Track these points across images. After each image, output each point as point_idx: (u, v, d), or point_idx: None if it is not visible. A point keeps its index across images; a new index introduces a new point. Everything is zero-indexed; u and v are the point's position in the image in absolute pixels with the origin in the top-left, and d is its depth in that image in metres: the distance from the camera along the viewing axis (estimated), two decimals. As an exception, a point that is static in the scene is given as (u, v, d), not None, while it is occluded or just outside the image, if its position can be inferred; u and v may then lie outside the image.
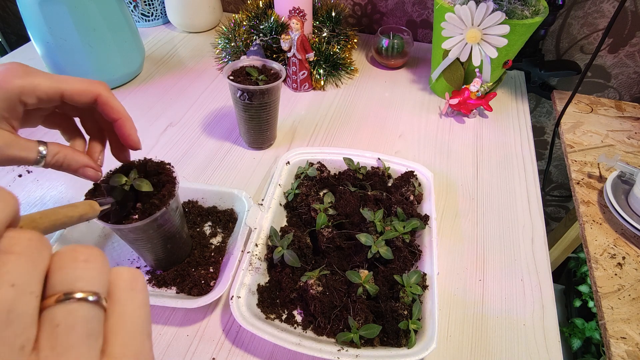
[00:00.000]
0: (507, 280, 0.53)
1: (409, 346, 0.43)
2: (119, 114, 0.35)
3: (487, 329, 0.48)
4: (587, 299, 1.15)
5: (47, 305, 0.14)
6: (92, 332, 0.15)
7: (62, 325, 0.14)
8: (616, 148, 0.77)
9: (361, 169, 0.61)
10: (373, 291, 0.47)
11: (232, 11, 1.09)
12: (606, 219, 0.64)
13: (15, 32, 1.38)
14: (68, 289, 0.14)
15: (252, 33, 0.84)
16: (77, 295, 0.14)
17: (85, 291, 0.15)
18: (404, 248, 0.50)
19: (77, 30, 0.69)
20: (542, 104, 1.01)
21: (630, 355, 0.49)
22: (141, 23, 1.00)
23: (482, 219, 0.60)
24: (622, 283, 0.56)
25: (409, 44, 0.87)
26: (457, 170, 0.68)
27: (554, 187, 1.17)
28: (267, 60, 0.63)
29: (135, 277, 0.18)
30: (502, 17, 0.65)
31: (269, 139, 0.69)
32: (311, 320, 0.46)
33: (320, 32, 0.86)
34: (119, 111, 0.35)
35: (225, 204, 0.57)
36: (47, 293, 0.14)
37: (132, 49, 0.80)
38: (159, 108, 0.78)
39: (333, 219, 0.54)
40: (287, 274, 0.49)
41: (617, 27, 0.83)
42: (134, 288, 0.17)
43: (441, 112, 0.79)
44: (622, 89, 0.92)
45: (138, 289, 0.17)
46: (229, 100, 0.80)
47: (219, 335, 0.47)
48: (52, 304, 0.14)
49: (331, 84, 0.85)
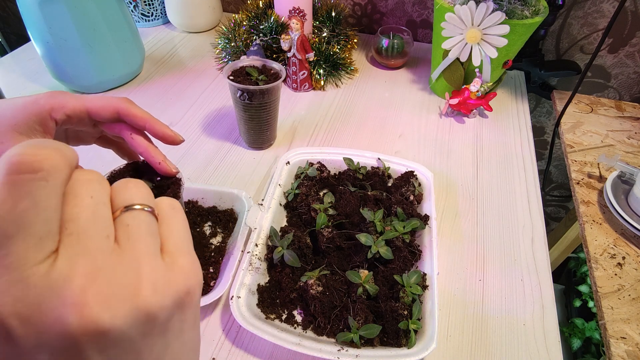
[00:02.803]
0: (507, 280, 0.53)
1: (409, 346, 0.43)
2: (144, 120, 0.37)
3: (487, 329, 0.48)
4: (587, 299, 1.15)
5: (116, 215, 0.19)
6: (152, 232, 0.20)
7: (131, 225, 0.19)
8: (616, 148, 0.77)
9: (361, 169, 0.61)
10: (373, 291, 0.47)
11: (232, 11, 1.09)
12: (606, 219, 0.64)
13: (15, 32, 1.38)
14: (128, 203, 0.19)
15: (252, 33, 0.84)
16: (136, 207, 0.19)
17: (141, 204, 0.20)
18: (404, 248, 0.50)
19: (77, 30, 0.69)
20: (542, 104, 1.01)
21: (630, 355, 0.49)
22: (141, 23, 1.00)
23: (482, 219, 0.60)
24: (622, 283, 0.56)
25: (409, 44, 0.87)
26: (457, 170, 0.68)
27: (554, 187, 1.17)
28: (267, 60, 0.63)
29: (173, 201, 0.23)
30: (502, 17, 0.65)
31: (269, 139, 0.69)
32: (311, 320, 0.46)
33: (320, 32, 0.86)
34: (142, 117, 0.37)
35: (225, 204, 0.57)
36: (113, 208, 0.19)
37: (132, 49, 0.80)
38: (159, 108, 0.78)
39: (333, 219, 0.54)
40: (287, 274, 0.49)
41: (617, 27, 0.83)
42: (174, 207, 0.22)
43: (441, 112, 0.79)
44: (622, 89, 0.92)
45: (177, 208, 0.22)
46: (229, 100, 0.80)
47: (219, 335, 0.47)
48: (119, 214, 0.19)
49: (331, 84, 0.85)
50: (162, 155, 0.40)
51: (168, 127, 0.38)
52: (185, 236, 0.22)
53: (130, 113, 0.36)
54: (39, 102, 0.32)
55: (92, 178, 0.19)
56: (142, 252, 0.18)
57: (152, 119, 0.38)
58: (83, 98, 0.35)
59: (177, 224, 0.22)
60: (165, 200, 0.22)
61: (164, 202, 0.22)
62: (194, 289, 0.20)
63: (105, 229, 0.18)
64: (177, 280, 0.19)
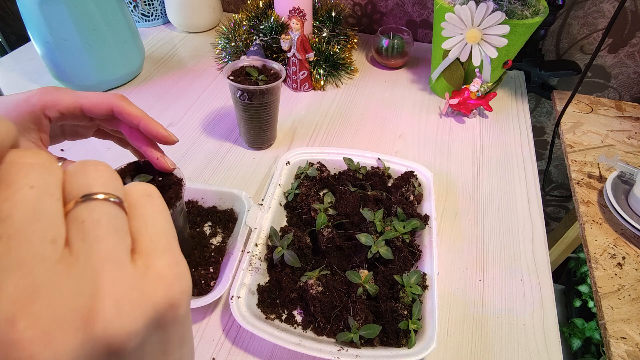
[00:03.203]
0: (507, 280, 0.53)
1: (409, 346, 0.43)
2: (138, 118, 0.36)
3: (487, 329, 0.48)
4: (587, 299, 1.15)
5: (69, 208, 0.15)
6: (118, 228, 0.15)
7: (87, 221, 0.14)
8: (616, 148, 0.77)
9: (361, 169, 0.61)
10: (373, 291, 0.47)
11: (232, 11, 1.09)
12: (606, 219, 0.64)
13: (15, 32, 1.38)
14: (85, 191, 0.15)
15: (252, 33, 0.84)
16: (95, 196, 0.15)
17: (102, 192, 0.15)
18: (404, 248, 0.50)
19: (77, 30, 0.69)
20: (542, 104, 1.01)
21: (630, 355, 0.49)
22: (141, 23, 1.00)
23: (482, 219, 0.60)
24: (622, 283, 0.56)
25: (409, 44, 0.87)
26: (457, 170, 0.68)
27: (554, 187, 1.17)
28: (267, 60, 0.63)
29: (148, 187, 0.18)
30: (502, 17, 0.64)
31: (269, 139, 0.69)
32: (311, 320, 0.46)
33: (320, 32, 0.86)
34: (137, 115, 0.36)
35: (225, 204, 0.57)
36: (66, 200, 0.15)
37: (132, 49, 0.80)
38: (159, 108, 0.78)
39: (333, 219, 0.54)
40: (287, 274, 0.49)
41: (617, 27, 0.83)
42: (149, 194, 0.17)
43: (441, 112, 0.79)
44: (622, 89, 0.92)
45: (154, 195, 0.18)
46: (229, 100, 0.80)
47: (218, 335, 0.47)
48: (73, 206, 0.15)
49: (331, 84, 0.85)
50: (161, 151, 0.39)
51: (162, 127, 0.38)
52: (164, 230, 0.17)
53: (124, 111, 0.35)
54: (31, 100, 0.32)
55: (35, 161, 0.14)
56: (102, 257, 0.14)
57: (147, 117, 0.37)
58: (77, 95, 0.34)
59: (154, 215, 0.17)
60: (137, 186, 0.17)
61: (136, 188, 0.17)
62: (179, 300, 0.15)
63: (50, 230, 0.13)
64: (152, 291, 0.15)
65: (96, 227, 0.14)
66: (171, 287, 0.15)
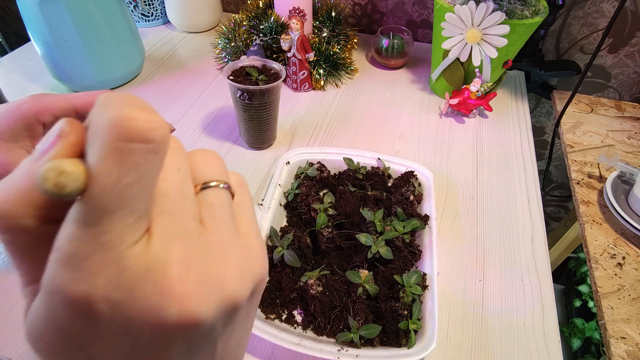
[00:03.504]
0: (507, 280, 0.53)
1: (409, 346, 0.43)
2: None
3: (487, 329, 0.48)
4: (587, 299, 1.15)
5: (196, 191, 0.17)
6: (232, 212, 0.18)
7: (216, 204, 0.17)
8: (616, 148, 0.77)
9: (361, 169, 0.61)
10: (373, 291, 0.47)
11: (232, 11, 1.09)
12: (606, 219, 0.64)
13: (15, 32, 1.38)
14: (208, 178, 0.18)
15: (252, 33, 0.84)
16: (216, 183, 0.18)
17: (220, 180, 0.18)
18: (404, 248, 0.50)
19: (77, 30, 0.69)
20: (542, 104, 1.01)
21: (630, 355, 0.49)
22: (141, 23, 1.00)
23: (482, 219, 0.60)
24: (622, 283, 0.56)
25: (409, 44, 0.87)
26: (457, 170, 0.68)
27: (554, 187, 1.17)
28: (267, 60, 0.63)
29: (240, 177, 0.21)
30: (502, 17, 0.65)
31: (269, 139, 0.69)
32: (311, 320, 0.46)
33: (320, 32, 0.86)
34: None
35: (225, 204, 0.57)
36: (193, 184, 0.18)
37: (132, 49, 0.80)
38: (159, 108, 0.78)
39: (333, 219, 0.54)
40: (287, 274, 0.49)
41: (617, 27, 0.83)
42: (243, 184, 0.21)
43: (441, 112, 0.79)
44: (622, 89, 0.92)
45: (245, 185, 0.21)
46: (229, 100, 0.80)
47: (219, 335, 0.47)
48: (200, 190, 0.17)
49: (331, 84, 0.85)
50: None
51: None
52: (255, 217, 0.20)
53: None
54: (23, 107, 0.32)
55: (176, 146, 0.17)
56: (227, 235, 0.17)
57: None
58: (68, 97, 0.34)
59: (247, 202, 0.20)
60: (234, 175, 0.20)
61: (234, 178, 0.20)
62: (266, 275, 0.19)
63: (192, 209, 0.16)
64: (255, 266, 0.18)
65: (222, 209, 0.17)
66: (265, 265, 0.19)
